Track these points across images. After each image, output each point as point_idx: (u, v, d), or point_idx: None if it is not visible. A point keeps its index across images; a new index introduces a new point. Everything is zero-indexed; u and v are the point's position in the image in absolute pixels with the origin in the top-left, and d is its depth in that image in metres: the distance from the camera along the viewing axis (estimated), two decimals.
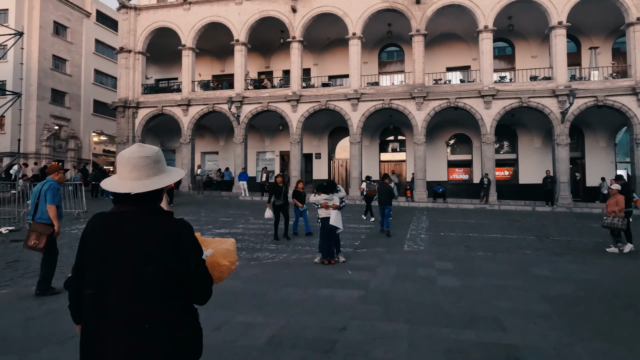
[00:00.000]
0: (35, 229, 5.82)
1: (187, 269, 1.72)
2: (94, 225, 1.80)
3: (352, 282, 6.73)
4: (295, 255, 9.37)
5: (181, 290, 1.73)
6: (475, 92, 22.19)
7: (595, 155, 24.80)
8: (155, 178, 1.80)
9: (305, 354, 3.97)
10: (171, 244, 1.71)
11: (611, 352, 4.10)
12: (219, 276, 1.93)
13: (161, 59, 29.53)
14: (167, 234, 1.72)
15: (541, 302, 5.68)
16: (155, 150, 1.84)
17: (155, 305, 1.67)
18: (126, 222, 1.73)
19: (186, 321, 1.76)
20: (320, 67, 28.21)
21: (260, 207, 19.15)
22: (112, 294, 1.67)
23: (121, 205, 1.79)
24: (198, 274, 1.75)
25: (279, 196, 11.40)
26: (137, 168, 1.77)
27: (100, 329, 1.67)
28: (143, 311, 1.65)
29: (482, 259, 8.82)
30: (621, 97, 20.95)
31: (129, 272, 1.67)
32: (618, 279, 7.23)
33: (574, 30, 23.34)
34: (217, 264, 1.93)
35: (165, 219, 1.78)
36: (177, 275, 1.71)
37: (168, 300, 1.69)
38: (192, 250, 1.75)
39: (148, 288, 1.67)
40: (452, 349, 4.08)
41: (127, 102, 26.15)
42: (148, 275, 1.67)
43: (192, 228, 1.80)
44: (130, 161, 1.78)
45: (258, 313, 5.15)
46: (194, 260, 1.74)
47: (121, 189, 1.75)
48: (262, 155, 29.58)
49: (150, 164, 1.80)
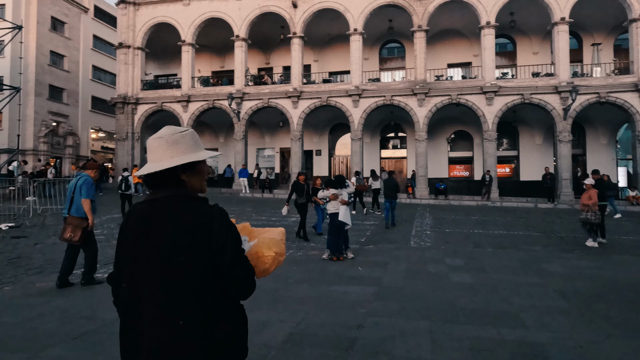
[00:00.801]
0: (70, 222, 6.00)
1: (222, 259, 1.56)
2: (128, 215, 1.68)
3: (363, 279, 6.61)
4: (301, 252, 9.24)
5: (220, 284, 1.59)
6: (477, 89, 22.09)
7: (597, 152, 24.74)
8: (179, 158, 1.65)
9: (326, 352, 3.84)
10: (204, 231, 1.56)
11: (638, 350, 3.99)
12: (264, 268, 1.77)
13: (160, 54, 29.31)
14: (198, 221, 1.58)
15: (558, 299, 5.57)
16: (181, 129, 1.70)
17: (188, 301, 1.53)
18: (156, 210, 1.61)
19: (227, 319, 1.62)
20: (321, 63, 28.04)
21: (261, 204, 19.03)
22: (144, 288, 1.55)
23: (153, 193, 1.66)
24: (236, 265, 1.60)
25: (301, 194, 10.90)
26: (159, 149, 1.66)
27: (135, 325, 1.55)
28: (175, 307, 1.52)
29: (491, 256, 8.71)
30: (623, 94, 20.89)
31: (158, 264, 1.54)
32: (632, 275, 7.14)
33: (575, 27, 23.25)
34: (261, 254, 1.77)
35: (197, 204, 1.64)
36: (213, 266, 1.56)
37: (204, 294, 1.55)
38: (228, 238, 1.59)
39: (179, 281, 1.53)
40: (477, 347, 3.96)
41: (126, 98, 25.92)
42: (177, 266, 1.53)
43: (227, 214, 1.65)
44: (156, 142, 1.67)
45: (272, 310, 5.02)
46: (230, 250, 1.58)
47: (142, 171, 1.66)
48: (262, 152, 29.42)
49: (173, 144, 1.65)
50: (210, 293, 1.57)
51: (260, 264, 1.76)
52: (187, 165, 1.65)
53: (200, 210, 1.61)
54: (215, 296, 1.58)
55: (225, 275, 1.58)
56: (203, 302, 1.54)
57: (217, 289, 1.59)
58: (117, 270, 1.68)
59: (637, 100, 20.70)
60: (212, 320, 1.56)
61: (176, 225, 1.57)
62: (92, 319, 4.73)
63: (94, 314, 4.91)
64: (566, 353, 3.89)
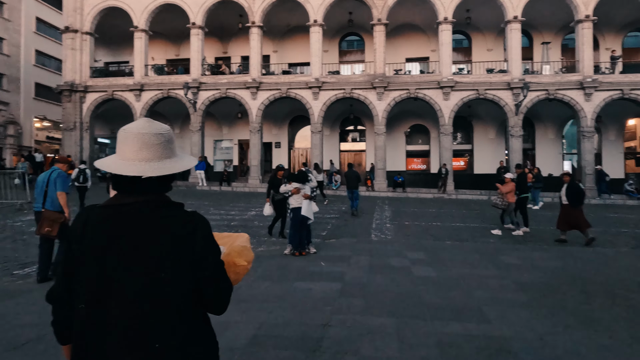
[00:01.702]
0: (47, 216, 5.89)
1: (204, 272, 1.41)
2: (85, 222, 1.42)
3: (327, 274, 6.52)
4: (262, 246, 9.04)
5: (197, 300, 1.43)
6: (435, 83, 22.50)
7: (545, 146, 25.92)
8: (169, 161, 1.47)
9: (292, 354, 3.71)
10: (187, 242, 1.39)
11: (595, 339, 4.12)
12: (234, 278, 1.64)
13: (111, 40, 27.88)
14: (181, 231, 1.40)
15: (518, 291, 5.71)
16: (167, 127, 1.51)
17: (169, 321, 1.35)
18: (131, 217, 1.39)
19: (205, 336, 1.47)
20: (281, 54, 27.64)
21: (219, 198, 18.58)
22: (115, 309, 1.33)
23: (123, 196, 1.43)
24: (218, 278, 1.46)
25: (277, 191, 10.15)
26: (149, 147, 1.43)
27: (96, 351, 1.33)
28: (155, 329, 1.33)
29: (451, 248, 8.87)
30: (570, 91, 21.93)
31: (137, 281, 1.34)
32: (581, 265, 7.46)
33: (527, 25, 24.11)
34: (234, 264, 1.63)
35: (178, 212, 1.45)
36: (194, 280, 1.40)
37: (185, 312, 1.38)
38: (210, 249, 1.45)
39: (161, 299, 1.34)
40: (443, 343, 3.95)
41: (74, 85, 24.49)
42: (161, 283, 1.34)
43: (209, 223, 1.49)
44: (141, 138, 1.43)
45: (234, 311, 4.81)
46: (212, 262, 1.44)
47: (130, 171, 1.40)
48: (220, 144, 28.74)
49: (164, 143, 1.46)
50: (191, 310, 1.41)
51: (232, 274, 1.62)
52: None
53: (182, 219, 1.43)
54: (196, 313, 1.44)
55: (205, 289, 1.43)
56: (184, 321, 1.38)
57: (196, 306, 1.44)
58: (64, 288, 1.43)
59: (582, 98, 21.80)
60: (193, 339, 1.40)
61: (157, 236, 1.37)
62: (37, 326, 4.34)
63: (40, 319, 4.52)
64: (528, 345, 3.95)
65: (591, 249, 9.13)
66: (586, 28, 21.86)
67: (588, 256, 8.33)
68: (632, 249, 9.43)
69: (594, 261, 7.86)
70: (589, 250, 8.96)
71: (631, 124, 25.94)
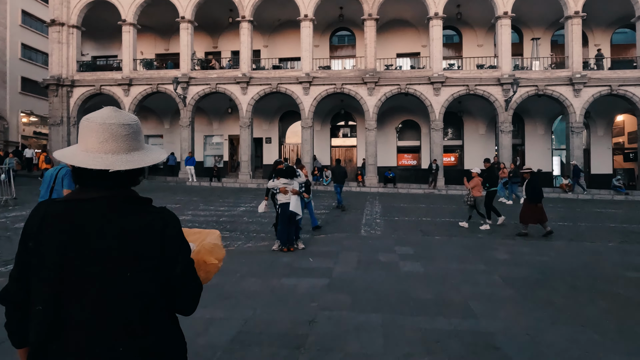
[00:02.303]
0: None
1: (173, 272, 1.35)
2: (43, 218, 1.32)
3: (314, 270, 6.46)
4: (250, 242, 8.97)
5: (166, 300, 1.37)
6: (425, 79, 22.49)
7: (534, 142, 26.07)
8: (137, 154, 1.39)
9: (275, 351, 3.65)
10: (155, 240, 1.32)
11: (581, 335, 4.11)
12: (205, 277, 1.56)
13: (99, 34, 27.46)
14: (150, 228, 1.32)
15: (505, 287, 5.70)
16: (135, 117, 1.42)
17: (134, 322, 1.28)
18: (95, 214, 1.30)
19: (172, 338, 1.40)
20: (271, 48, 27.44)
21: (208, 193, 18.43)
22: (76, 311, 1.25)
23: (86, 190, 1.34)
24: (188, 277, 1.39)
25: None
26: (116, 138, 1.35)
27: (57, 357, 1.25)
28: (119, 331, 1.26)
29: (440, 244, 8.86)
30: (559, 87, 22.05)
31: (102, 281, 1.26)
32: (568, 260, 7.48)
33: (517, 21, 24.19)
34: (204, 262, 1.56)
35: (146, 208, 1.38)
36: (163, 280, 1.34)
37: (151, 313, 1.32)
38: (180, 248, 1.39)
39: (126, 300, 1.27)
40: (429, 339, 3.92)
41: (61, 80, 24.11)
42: (126, 282, 1.27)
43: (179, 220, 1.42)
44: (107, 128, 1.34)
45: (218, 307, 4.75)
46: (181, 261, 1.37)
47: (95, 164, 1.31)
48: (210, 139, 28.52)
49: (132, 135, 1.38)
50: (159, 311, 1.34)
51: (203, 272, 1.55)
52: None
53: (151, 215, 1.35)
54: (163, 316, 1.36)
55: (175, 288, 1.36)
56: (150, 323, 1.31)
57: (164, 307, 1.36)
58: (20, 288, 1.34)
59: (571, 94, 21.92)
60: (160, 342, 1.33)
61: (122, 233, 1.29)
62: None
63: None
64: (515, 341, 3.93)
65: (573, 243, 9.18)
66: (575, 24, 21.97)
67: (576, 251, 8.37)
68: (620, 243, 9.49)
69: (581, 256, 7.89)
70: (576, 245, 9.01)
71: (619, 120, 26.17)
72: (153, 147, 1.49)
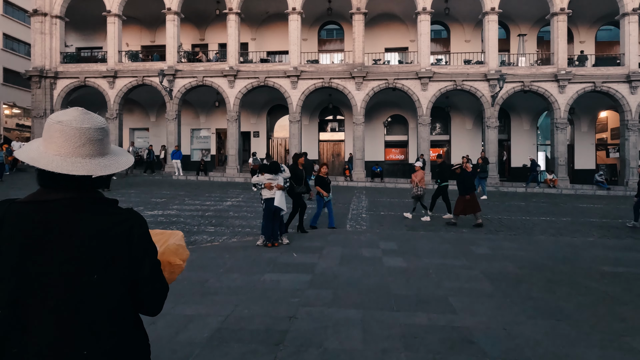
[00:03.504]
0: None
1: (141, 273, 1.35)
2: (2, 219, 1.29)
3: (298, 266, 6.47)
4: (235, 237, 8.96)
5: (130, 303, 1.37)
6: (413, 74, 22.53)
7: (520, 137, 26.35)
8: (112, 157, 1.40)
9: (254, 348, 3.65)
10: (122, 242, 1.32)
11: (557, 329, 4.19)
12: (169, 277, 1.58)
13: (83, 25, 26.99)
14: (116, 230, 1.32)
15: (485, 281, 5.77)
16: (104, 120, 1.42)
17: (99, 326, 1.27)
18: (56, 215, 1.28)
19: (138, 340, 1.39)
20: (259, 42, 27.24)
21: (194, 188, 18.32)
22: (38, 315, 1.24)
23: (50, 192, 1.32)
24: (153, 280, 1.39)
25: (299, 182, 9.29)
26: (92, 142, 1.34)
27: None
28: (83, 335, 1.25)
29: (423, 239, 8.93)
30: (544, 83, 22.28)
31: (67, 284, 1.24)
32: (548, 255, 7.60)
33: (504, 17, 24.32)
34: (169, 263, 1.57)
35: (113, 209, 1.37)
36: (129, 282, 1.34)
37: (116, 316, 1.31)
38: (147, 249, 1.38)
39: (91, 303, 1.26)
40: (408, 334, 3.96)
41: (44, 71, 23.66)
42: (91, 286, 1.26)
43: (146, 222, 1.41)
44: (83, 133, 1.33)
45: (199, 303, 4.74)
46: (148, 263, 1.37)
47: (77, 170, 1.30)
48: (197, 133, 28.29)
49: (106, 138, 1.39)
50: (125, 313, 1.34)
51: (167, 273, 1.56)
52: None
53: (117, 217, 1.34)
54: (129, 316, 1.36)
55: (141, 290, 1.37)
56: (115, 327, 1.30)
57: (130, 307, 1.36)
58: None
59: (556, 90, 22.17)
60: (125, 345, 1.32)
61: (89, 235, 1.28)
62: None
63: None
64: (491, 335, 3.99)
65: (553, 238, 9.33)
66: (561, 21, 22.18)
67: (556, 246, 8.52)
68: (599, 238, 9.68)
69: (561, 251, 8.02)
70: (557, 240, 9.16)
71: (603, 116, 26.56)
72: (120, 150, 1.49)
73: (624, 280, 6.02)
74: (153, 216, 11.06)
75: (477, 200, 10.80)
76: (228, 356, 3.51)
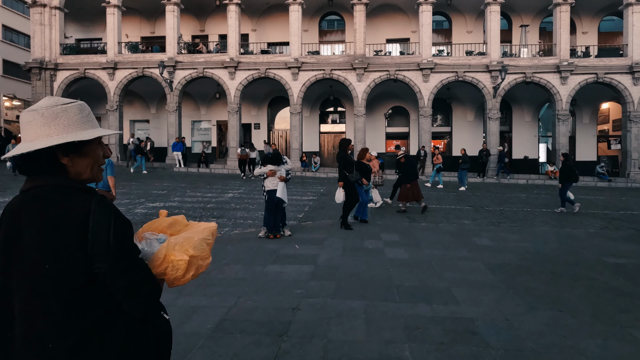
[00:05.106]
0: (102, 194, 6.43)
1: (102, 265, 1.26)
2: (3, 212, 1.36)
3: (300, 257, 6.49)
4: (237, 229, 8.97)
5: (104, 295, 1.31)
6: (415, 65, 22.42)
7: (521, 129, 26.27)
8: (45, 138, 1.31)
9: (258, 339, 3.67)
10: (76, 231, 1.25)
11: (559, 320, 4.20)
12: (175, 276, 1.45)
13: (82, 16, 26.81)
14: (70, 218, 1.26)
15: (487, 273, 5.79)
16: (52, 102, 1.36)
17: (57, 319, 1.23)
18: (27, 205, 1.30)
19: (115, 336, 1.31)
20: (259, 33, 27.07)
21: (196, 179, 18.32)
22: (16, 304, 1.27)
23: (26, 182, 1.35)
24: (120, 273, 1.29)
25: (351, 170, 8.79)
26: (24, 127, 1.36)
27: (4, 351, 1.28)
28: (44, 327, 1.24)
29: (425, 230, 8.94)
30: (546, 75, 22.16)
31: (27, 276, 1.25)
32: (549, 246, 7.61)
33: (506, 8, 24.13)
34: (172, 258, 1.44)
35: (72, 196, 1.31)
36: (89, 275, 1.26)
37: (77, 310, 1.25)
38: (109, 238, 1.27)
39: (45, 294, 1.24)
40: (410, 325, 3.97)
41: (44, 63, 23.56)
42: (43, 276, 1.24)
43: (112, 208, 1.32)
44: (21, 119, 1.37)
45: (202, 295, 4.76)
46: (112, 253, 1.27)
47: (7, 154, 1.36)
48: (198, 125, 28.24)
49: (38, 121, 1.32)
50: (87, 308, 1.26)
51: (171, 271, 1.44)
52: (69, 146, 1.32)
53: (75, 204, 1.28)
54: (94, 312, 1.28)
55: (108, 285, 1.29)
56: (76, 320, 1.24)
57: (97, 302, 1.29)
58: None
59: (558, 81, 22.07)
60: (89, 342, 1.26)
61: (44, 224, 1.26)
62: None
63: None
64: (493, 326, 4.01)
65: (551, 229, 9.34)
66: (564, 11, 22.01)
67: (557, 237, 8.52)
68: (601, 229, 9.68)
69: (563, 242, 8.03)
70: (558, 232, 9.17)
71: (604, 108, 26.46)
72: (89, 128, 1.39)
73: (626, 272, 6.03)
74: (154, 208, 11.07)
75: (418, 188, 11.27)
76: (232, 347, 3.53)
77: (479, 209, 12.21)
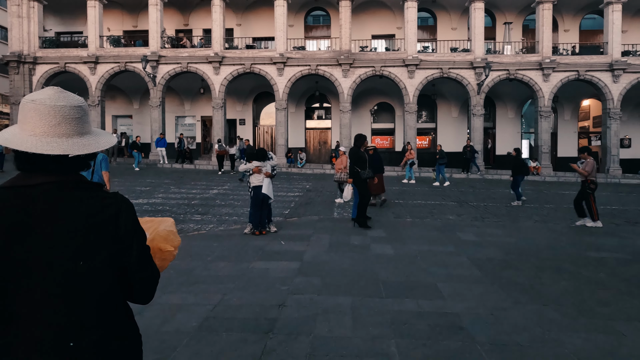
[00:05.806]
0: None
1: (128, 259, 1.31)
2: None
3: (286, 254, 6.45)
4: (222, 226, 8.88)
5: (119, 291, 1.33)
6: (400, 61, 22.48)
7: (505, 125, 26.56)
8: (90, 137, 1.32)
9: (243, 337, 3.63)
10: (109, 227, 1.27)
11: (543, 313, 4.25)
12: (160, 265, 1.53)
13: (62, 9, 26.18)
14: (102, 215, 1.27)
15: (472, 268, 5.83)
16: (82, 99, 1.35)
17: (86, 316, 1.23)
18: (40, 201, 1.22)
19: (128, 332, 1.35)
20: (244, 27, 26.79)
21: (180, 176, 18.11)
22: (22, 307, 1.18)
23: (30, 176, 1.25)
24: (143, 265, 1.35)
25: (364, 167, 8.41)
26: (68, 121, 1.27)
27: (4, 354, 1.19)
28: (69, 326, 1.20)
29: (411, 225, 8.99)
30: (529, 72, 22.44)
31: (52, 272, 1.19)
32: (533, 241, 7.70)
33: (490, 5, 24.33)
34: (159, 250, 1.53)
35: (97, 193, 1.31)
36: (117, 269, 1.30)
37: (105, 305, 1.27)
38: (135, 235, 1.34)
39: (78, 292, 1.22)
40: (397, 321, 3.97)
41: (22, 56, 22.95)
42: (77, 275, 1.21)
43: (133, 206, 1.37)
44: (58, 111, 1.25)
45: (187, 292, 4.69)
46: (136, 249, 1.33)
47: (51, 149, 1.23)
48: (182, 120, 27.89)
49: (84, 117, 1.32)
50: (111, 305, 1.29)
51: (158, 260, 1.51)
52: None
53: (103, 201, 1.29)
54: (118, 307, 1.31)
55: (130, 277, 1.32)
56: (104, 316, 1.26)
57: (118, 299, 1.32)
58: None
59: (541, 78, 22.36)
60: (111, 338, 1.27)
61: (74, 220, 1.23)
62: None
63: None
64: (479, 321, 4.03)
65: (532, 225, 9.47)
66: (546, 9, 22.29)
67: (541, 232, 8.64)
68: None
69: (546, 237, 8.14)
70: (541, 226, 9.30)
71: (585, 105, 26.93)
72: (101, 131, 1.42)
73: (607, 265, 6.14)
74: (138, 205, 10.89)
75: (382, 182, 11.37)
76: (217, 345, 3.48)
77: (463, 204, 12.31)
